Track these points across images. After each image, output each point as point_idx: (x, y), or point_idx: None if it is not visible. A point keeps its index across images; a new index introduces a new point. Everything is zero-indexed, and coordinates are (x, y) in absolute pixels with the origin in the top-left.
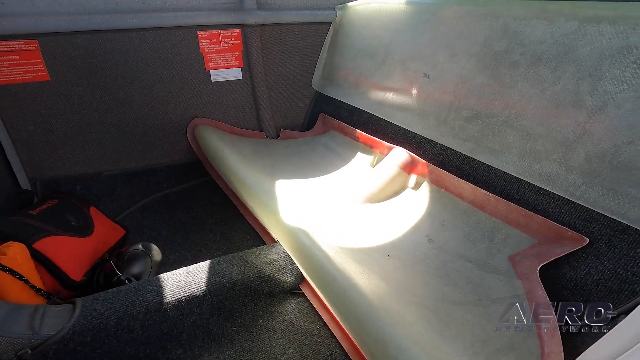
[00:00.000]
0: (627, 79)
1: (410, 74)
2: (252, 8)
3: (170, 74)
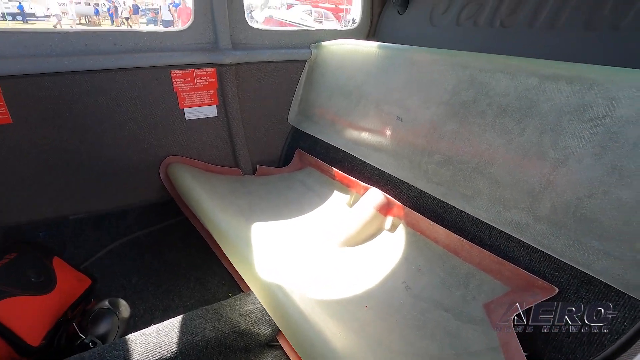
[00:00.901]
0: (585, 135)
1: (384, 116)
2: (227, 48)
3: (142, 112)
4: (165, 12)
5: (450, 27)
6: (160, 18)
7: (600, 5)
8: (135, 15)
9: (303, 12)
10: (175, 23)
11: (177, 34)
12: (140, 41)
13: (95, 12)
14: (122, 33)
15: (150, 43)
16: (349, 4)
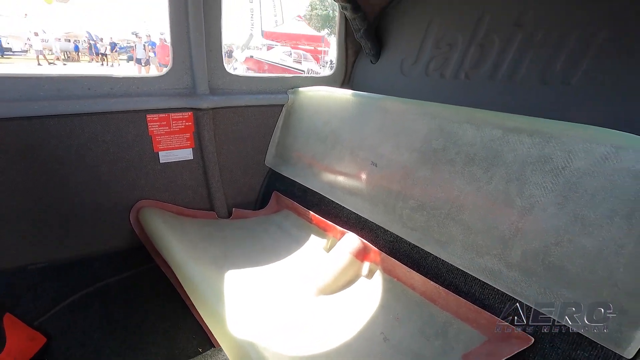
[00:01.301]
0: (548, 185)
1: (359, 161)
2: (205, 93)
3: (114, 156)
4: (140, 50)
5: (420, 77)
6: (135, 56)
7: (552, 62)
8: (112, 52)
9: (283, 53)
10: (146, 60)
11: (154, 80)
12: (116, 86)
13: (75, 49)
14: (97, 78)
15: (126, 88)
16: (327, 47)
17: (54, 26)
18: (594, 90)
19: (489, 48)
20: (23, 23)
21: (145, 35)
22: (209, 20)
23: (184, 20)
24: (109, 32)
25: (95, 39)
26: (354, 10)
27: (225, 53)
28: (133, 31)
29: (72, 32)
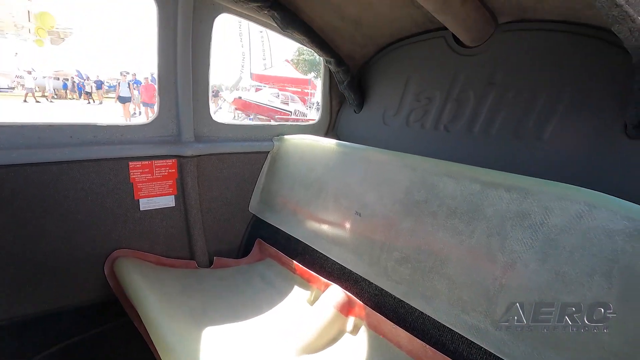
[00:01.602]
0: (528, 241)
1: (344, 210)
2: (190, 141)
3: (92, 204)
4: (124, 89)
5: (401, 128)
6: (117, 94)
7: (524, 119)
8: (98, 90)
9: (270, 95)
10: (132, 100)
11: (139, 128)
12: (100, 134)
13: (64, 87)
14: (80, 126)
15: (110, 136)
16: (313, 89)
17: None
18: (564, 145)
19: (465, 103)
20: (12, 61)
21: (131, 74)
22: (197, 69)
23: (172, 70)
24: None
25: (85, 77)
26: (337, 64)
27: (211, 93)
28: (122, 70)
29: (62, 70)
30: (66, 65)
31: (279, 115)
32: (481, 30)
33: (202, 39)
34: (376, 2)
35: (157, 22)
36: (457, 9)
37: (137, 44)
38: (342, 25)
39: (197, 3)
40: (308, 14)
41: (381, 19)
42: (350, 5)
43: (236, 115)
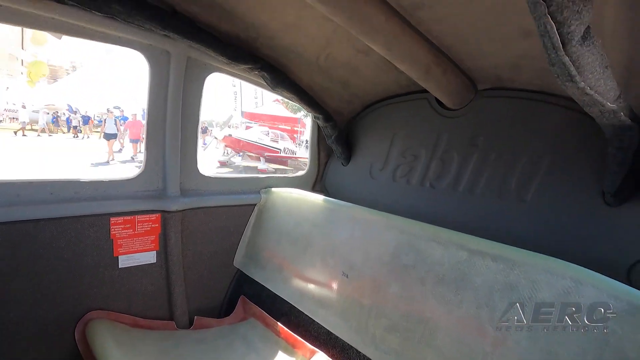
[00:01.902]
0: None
1: (330, 270)
2: (175, 195)
3: (67, 263)
4: (110, 125)
5: (388, 182)
6: (103, 130)
7: (506, 180)
8: (85, 125)
9: (260, 133)
10: (120, 137)
11: (123, 183)
12: (82, 190)
13: (52, 121)
14: (61, 182)
15: (92, 192)
16: (302, 127)
17: (36, 98)
18: (546, 209)
19: (450, 162)
20: (3, 95)
21: (119, 110)
22: (186, 125)
23: (161, 125)
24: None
25: (75, 111)
26: (325, 119)
27: (200, 129)
28: (116, 106)
29: (53, 104)
30: (58, 99)
31: (268, 153)
32: (462, 96)
33: (192, 96)
34: (362, 67)
35: (148, 79)
36: (439, 78)
37: (133, 83)
38: (330, 85)
39: (189, 63)
40: (297, 74)
41: (367, 81)
42: (338, 69)
43: (225, 152)
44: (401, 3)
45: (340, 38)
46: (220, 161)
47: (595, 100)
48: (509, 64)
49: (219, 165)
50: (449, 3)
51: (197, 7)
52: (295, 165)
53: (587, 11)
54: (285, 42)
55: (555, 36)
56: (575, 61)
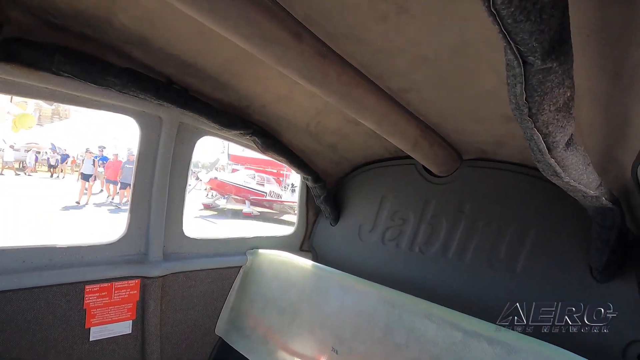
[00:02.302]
0: None
1: (319, 345)
2: (158, 260)
3: (32, 337)
4: (87, 165)
5: (377, 245)
6: (80, 172)
7: (495, 249)
8: (62, 164)
9: (246, 176)
10: (96, 177)
11: (102, 248)
12: (57, 257)
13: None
14: (36, 249)
15: (68, 258)
16: (288, 171)
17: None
18: (535, 282)
19: (439, 228)
20: None
21: (100, 150)
22: (174, 187)
23: (147, 188)
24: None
25: (59, 150)
26: (314, 180)
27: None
28: (100, 146)
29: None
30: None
31: (253, 196)
32: (448, 165)
33: (182, 159)
34: (352, 134)
35: (138, 142)
36: (426, 150)
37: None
38: (320, 148)
39: (180, 128)
40: (288, 138)
41: (356, 146)
42: (327, 135)
43: (210, 195)
44: (390, 87)
45: (330, 109)
46: (205, 204)
47: (578, 189)
48: (492, 141)
49: (203, 207)
50: (435, 88)
51: (192, 79)
52: (280, 209)
53: (570, 125)
54: (277, 111)
55: (542, 144)
56: (560, 162)
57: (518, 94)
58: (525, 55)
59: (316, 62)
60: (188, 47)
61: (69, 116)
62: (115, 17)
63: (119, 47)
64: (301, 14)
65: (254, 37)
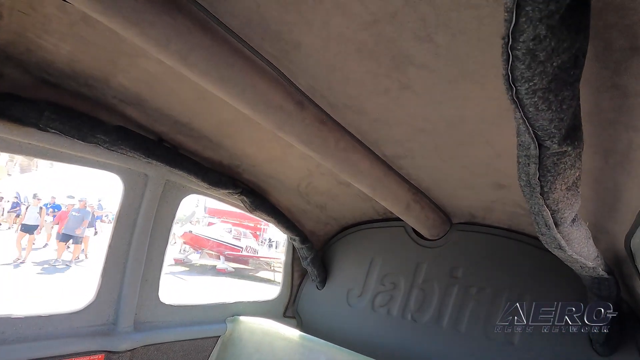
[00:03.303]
0: None
1: None
2: (127, 331)
3: None
4: (32, 215)
5: (367, 311)
6: (20, 221)
7: (491, 318)
8: (9, 212)
9: (222, 230)
10: (40, 228)
11: (66, 317)
12: (9, 329)
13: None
14: None
15: (24, 331)
16: (266, 225)
17: None
18: (535, 354)
19: (431, 294)
20: None
21: (50, 197)
22: (153, 248)
23: (124, 249)
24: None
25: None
26: (302, 241)
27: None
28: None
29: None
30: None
31: (229, 252)
32: (438, 228)
33: (165, 218)
34: (342, 195)
35: (120, 199)
36: (418, 213)
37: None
38: (308, 207)
39: (166, 186)
40: (276, 197)
41: (345, 207)
42: (317, 195)
43: (183, 249)
44: (385, 152)
45: (322, 170)
46: (176, 259)
47: (578, 261)
48: (482, 207)
49: (174, 263)
50: (428, 157)
51: (184, 137)
52: (256, 265)
53: (578, 202)
54: (267, 170)
55: (550, 220)
56: (565, 237)
57: (531, 174)
58: (543, 140)
59: (316, 128)
60: (184, 108)
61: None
62: (114, 78)
63: (113, 105)
64: (305, 85)
65: (259, 104)
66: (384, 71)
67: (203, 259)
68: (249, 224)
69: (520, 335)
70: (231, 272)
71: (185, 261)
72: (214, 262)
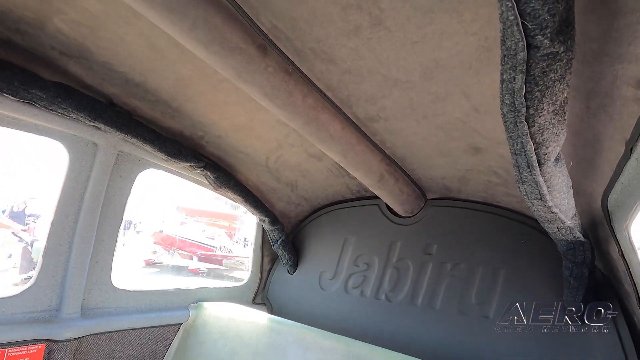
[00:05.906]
0: None
1: None
2: (73, 317)
3: None
4: None
5: (340, 293)
6: None
7: (466, 294)
8: None
9: (195, 229)
10: None
11: (2, 302)
12: None
13: None
14: None
15: None
16: (241, 224)
17: None
18: (510, 328)
19: (405, 272)
20: None
21: None
22: (105, 226)
23: (70, 226)
24: None
25: None
26: (271, 223)
27: (124, 225)
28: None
29: None
30: None
31: (202, 251)
32: (412, 204)
33: (118, 194)
34: (313, 170)
35: (65, 171)
36: (392, 186)
37: None
38: (278, 186)
39: (119, 158)
40: (244, 174)
41: (317, 185)
42: (287, 171)
43: (154, 250)
44: (357, 114)
45: (292, 142)
46: (147, 260)
47: (557, 217)
48: (457, 177)
49: (145, 264)
50: (402, 118)
51: (138, 101)
52: (231, 265)
53: (563, 133)
54: (233, 142)
55: (533, 156)
56: (547, 181)
57: (517, 90)
58: (534, 34)
59: (281, 79)
60: (136, 61)
61: None
62: (50, 22)
63: (52, 58)
64: (267, 25)
65: (212, 44)
66: (354, 0)
67: (175, 259)
68: (223, 224)
69: (495, 309)
70: (204, 272)
71: (155, 262)
72: (187, 262)
